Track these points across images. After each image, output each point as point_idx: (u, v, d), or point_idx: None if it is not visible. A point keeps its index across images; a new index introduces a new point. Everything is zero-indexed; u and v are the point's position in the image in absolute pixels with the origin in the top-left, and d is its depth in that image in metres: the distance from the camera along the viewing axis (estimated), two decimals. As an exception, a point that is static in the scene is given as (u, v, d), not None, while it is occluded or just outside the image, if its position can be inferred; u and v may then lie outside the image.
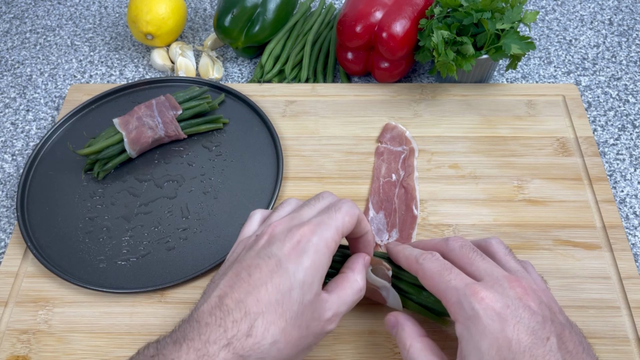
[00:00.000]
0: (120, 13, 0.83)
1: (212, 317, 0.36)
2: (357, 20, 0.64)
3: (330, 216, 0.41)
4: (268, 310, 0.36)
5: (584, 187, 0.60)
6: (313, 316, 0.39)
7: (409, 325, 0.43)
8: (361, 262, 0.44)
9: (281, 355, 0.37)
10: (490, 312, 0.37)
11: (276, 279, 0.37)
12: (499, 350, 0.36)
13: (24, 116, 0.70)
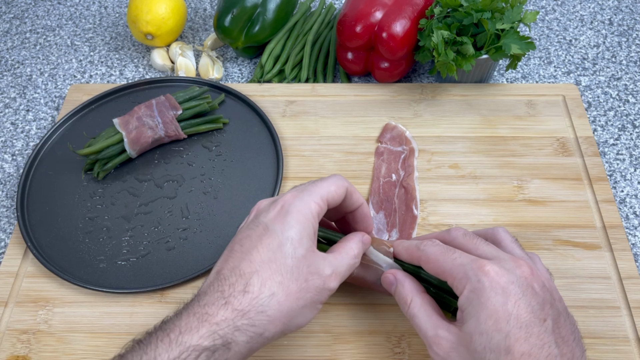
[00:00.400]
0: (120, 13, 0.83)
1: (210, 287, 0.38)
2: (357, 20, 0.64)
3: (315, 184, 0.43)
4: (262, 268, 0.38)
5: (584, 187, 0.60)
6: (310, 270, 0.40)
7: (408, 282, 0.44)
8: (358, 236, 0.45)
9: (282, 307, 0.38)
10: (495, 284, 0.38)
11: (265, 240, 0.39)
12: (496, 322, 0.37)
13: (24, 116, 0.70)
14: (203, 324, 0.36)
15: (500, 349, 0.36)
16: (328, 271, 0.41)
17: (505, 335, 0.36)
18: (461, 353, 0.38)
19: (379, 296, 0.52)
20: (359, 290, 0.53)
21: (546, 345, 0.37)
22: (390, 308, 0.52)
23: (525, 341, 0.36)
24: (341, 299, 0.52)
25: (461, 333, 0.39)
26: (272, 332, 0.38)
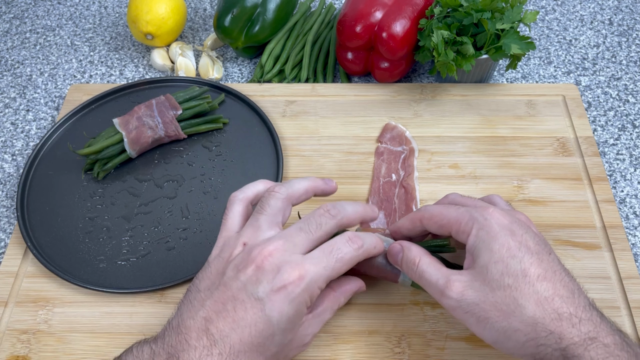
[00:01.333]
0: (120, 13, 0.83)
1: (200, 341, 0.38)
2: (357, 20, 0.64)
3: (327, 265, 0.40)
4: (250, 350, 0.38)
5: (584, 187, 0.60)
6: (292, 346, 0.42)
7: (415, 247, 0.45)
8: (355, 286, 0.47)
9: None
10: (501, 223, 0.41)
11: (260, 324, 0.38)
12: (508, 250, 0.39)
13: (24, 116, 0.70)
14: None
15: (517, 273, 0.38)
16: (308, 339, 0.43)
17: (519, 260, 0.39)
18: (476, 288, 0.39)
19: (378, 296, 0.52)
20: (359, 290, 0.53)
21: (558, 272, 0.39)
22: (390, 308, 0.52)
23: (538, 266, 0.39)
24: (341, 299, 0.52)
25: (474, 270, 0.40)
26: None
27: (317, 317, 0.43)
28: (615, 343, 0.36)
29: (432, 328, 0.50)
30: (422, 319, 0.51)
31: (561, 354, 0.36)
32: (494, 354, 0.49)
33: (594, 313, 0.38)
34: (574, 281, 0.40)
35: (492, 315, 0.38)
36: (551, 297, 0.38)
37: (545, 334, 0.37)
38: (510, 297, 0.38)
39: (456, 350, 0.49)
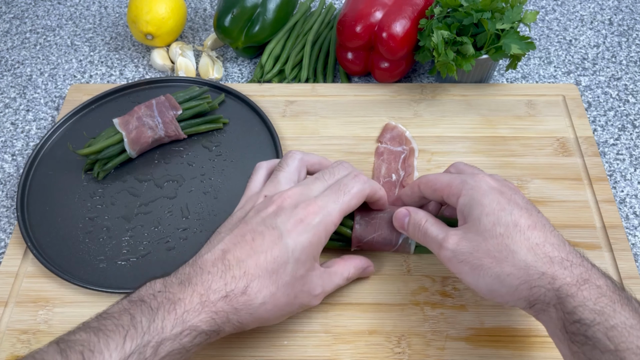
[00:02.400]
0: (120, 13, 0.83)
1: (215, 267, 0.40)
2: (357, 20, 0.64)
3: (338, 199, 0.45)
4: (264, 276, 0.41)
5: (584, 187, 0.60)
6: (303, 289, 0.43)
7: (421, 211, 0.48)
8: (363, 263, 0.51)
9: (267, 314, 0.42)
10: (490, 184, 0.43)
11: (275, 250, 0.41)
12: (499, 204, 0.41)
13: (24, 116, 0.70)
14: (204, 309, 0.38)
15: (508, 223, 0.40)
16: (318, 291, 0.45)
17: (509, 212, 0.41)
18: (470, 238, 0.42)
19: (378, 296, 0.52)
20: (359, 290, 0.53)
21: (547, 225, 0.41)
22: (390, 308, 0.52)
23: (528, 218, 0.41)
24: (341, 298, 0.52)
25: (468, 223, 0.42)
26: (250, 327, 0.42)
27: (328, 274, 0.46)
28: (607, 285, 0.37)
29: (432, 328, 0.50)
30: (422, 319, 0.51)
31: (555, 294, 0.37)
32: (494, 354, 0.49)
33: (585, 260, 0.39)
34: (562, 238, 0.41)
35: (485, 263, 0.40)
36: (542, 243, 0.39)
37: (537, 275, 0.38)
38: (502, 245, 0.40)
39: (456, 350, 0.49)
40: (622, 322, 0.35)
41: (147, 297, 0.39)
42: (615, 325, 0.35)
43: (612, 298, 0.36)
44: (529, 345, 0.49)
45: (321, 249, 0.44)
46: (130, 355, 0.35)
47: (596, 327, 0.35)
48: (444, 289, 0.53)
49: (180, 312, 0.38)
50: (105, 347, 0.34)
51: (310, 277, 0.44)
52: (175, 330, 0.37)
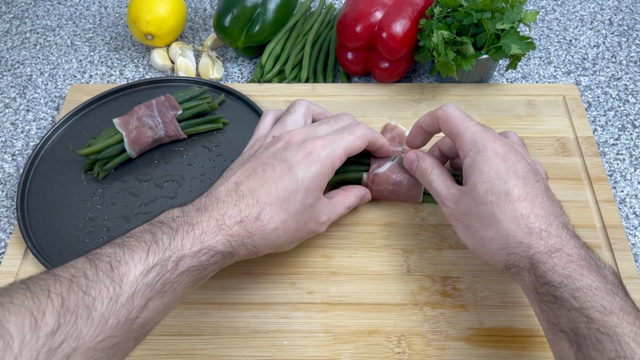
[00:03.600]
0: (120, 13, 0.83)
1: (229, 197, 0.44)
2: (357, 20, 0.64)
3: (343, 137, 0.49)
4: (275, 203, 0.44)
5: (584, 187, 0.60)
6: (311, 216, 0.47)
7: (429, 157, 0.52)
8: (361, 191, 0.54)
9: (279, 240, 0.45)
10: (497, 150, 0.45)
11: (286, 180, 0.45)
12: (497, 172, 0.44)
13: (24, 116, 0.70)
14: (221, 232, 0.42)
15: (500, 193, 0.43)
16: (324, 218, 0.49)
17: (504, 182, 0.43)
18: (466, 202, 0.45)
19: (379, 296, 0.52)
20: (359, 290, 0.53)
21: (539, 196, 0.43)
22: (390, 308, 0.52)
23: (522, 188, 0.43)
24: (341, 298, 0.52)
25: (466, 186, 0.46)
26: (263, 253, 0.46)
27: (332, 204, 0.50)
28: (579, 255, 0.40)
29: (432, 328, 0.50)
30: (422, 319, 0.51)
31: (528, 260, 0.41)
32: (494, 354, 0.49)
33: (565, 231, 0.41)
34: (556, 206, 0.43)
35: (474, 225, 0.45)
36: (527, 215, 0.42)
37: (515, 244, 0.42)
38: (490, 212, 0.43)
39: (456, 351, 0.49)
40: (588, 284, 0.38)
41: (167, 220, 0.42)
42: (581, 287, 0.38)
43: (580, 264, 0.39)
44: (529, 345, 0.49)
45: (327, 182, 0.48)
46: (153, 267, 0.37)
47: (563, 289, 0.38)
48: (444, 289, 0.53)
49: (198, 233, 0.41)
50: (131, 259, 0.37)
51: (317, 206, 0.48)
52: (194, 248, 0.40)
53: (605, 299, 0.37)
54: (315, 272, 0.54)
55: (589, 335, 0.36)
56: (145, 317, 0.37)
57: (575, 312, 0.37)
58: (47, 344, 0.31)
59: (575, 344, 0.37)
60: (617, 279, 0.39)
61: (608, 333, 0.35)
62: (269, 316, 0.51)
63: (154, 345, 0.50)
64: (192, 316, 0.52)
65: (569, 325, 0.37)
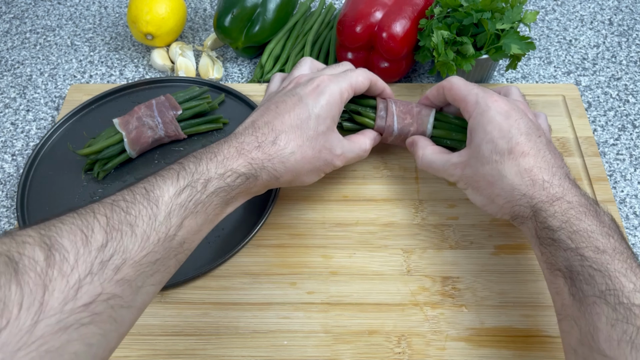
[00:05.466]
0: (120, 13, 0.83)
1: (246, 131, 0.47)
2: (357, 20, 0.64)
3: (347, 74, 0.52)
4: (290, 130, 0.47)
5: (584, 187, 0.60)
6: (325, 145, 0.49)
7: (423, 139, 0.55)
8: (373, 134, 0.56)
9: (297, 165, 0.48)
10: (499, 108, 0.47)
11: (297, 109, 0.48)
12: (500, 131, 0.46)
13: (24, 116, 0.70)
14: (241, 156, 0.45)
15: (504, 151, 0.45)
16: (338, 151, 0.51)
17: (507, 140, 0.45)
18: (472, 164, 0.48)
19: (379, 296, 0.52)
20: (359, 290, 0.53)
21: (542, 150, 0.45)
22: (390, 308, 0.52)
23: (525, 144, 0.45)
24: (341, 298, 0.52)
25: (470, 149, 0.48)
26: (284, 179, 0.48)
27: (349, 141, 0.53)
28: (579, 202, 0.42)
29: (432, 328, 0.50)
30: (422, 319, 0.51)
31: (531, 209, 0.43)
32: (494, 354, 0.49)
33: (567, 182, 0.44)
34: (558, 158, 0.46)
35: (482, 185, 0.47)
36: (530, 168, 0.44)
37: (519, 196, 0.44)
38: (495, 170, 0.46)
39: (456, 351, 0.49)
40: (585, 228, 0.40)
41: (192, 154, 0.44)
42: (578, 230, 0.40)
43: (579, 211, 0.41)
44: (529, 345, 0.49)
45: (337, 113, 0.50)
46: (184, 188, 0.40)
47: (561, 232, 0.41)
48: (444, 289, 0.53)
49: (221, 159, 0.44)
50: (163, 183, 0.40)
51: (331, 137, 0.50)
52: (218, 171, 0.43)
53: (599, 240, 0.39)
54: (315, 272, 0.54)
55: (582, 272, 0.38)
56: (182, 236, 0.39)
57: (570, 251, 0.40)
58: (98, 256, 0.33)
59: (570, 279, 0.39)
60: (614, 224, 0.41)
61: (600, 269, 0.37)
62: (269, 316, 0.51)
63: (154, 345, 0.50)
64: (192, 316, 0.52)
65: (565, 263, 0.40)
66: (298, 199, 0.59)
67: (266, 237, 0.57)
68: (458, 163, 0.50)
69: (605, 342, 0.35)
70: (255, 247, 0.56)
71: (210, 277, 0.54)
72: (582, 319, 0.37)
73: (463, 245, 0.55)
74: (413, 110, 0.56)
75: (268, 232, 0.57)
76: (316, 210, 0.58)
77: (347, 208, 0.58)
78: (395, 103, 0.57)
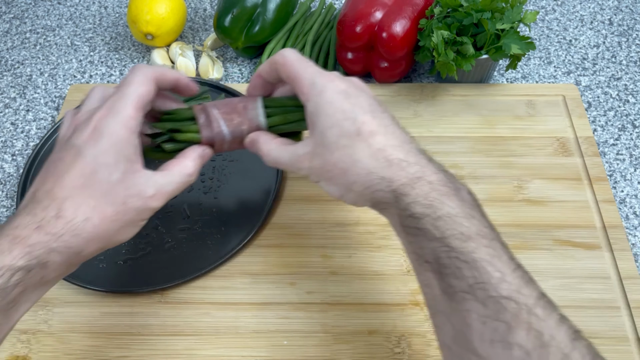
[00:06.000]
0: (120, 13, 0.83)
1: (25, 209, 0.39)
2: (357, 20, 0.64)
3: (122, 94, 0.42)
4: (75, 194, 0.39)
5: (584, 187, 0.60)
6: (128, 193, 0.41)
7: (262, 134, 0.47)
8: (197, 150, 0.46)
9: (98, 230, 0.39)
10: (337, 88, 0.43)
11: (78, 165, 0.40)
12: (343, 112, 0.42)
13: (24, 116, 0.70)
14: (16, 246, 0.37)
15: (351, 133, 0.41)
16: (151, 192, 0.42)
17: (352, 120, 0.41)
18: (319, 153, 0.43)
19: (379, 296, 0.52)
20: (359, 290, 0.53)
21: (390, 126, 0.42)
22: (390, 308, 0.52)
23: (371, 123, 0.41)
24: (341, 298, 0.52)
25: (314, 137, 0.43)
26: (89, 251, 0.40)
27: (162, 175, 0.43)
28: (439, 180, 0.40)
29: (432, 328, 0.50)
30: (422, 319, 0.51)
31: (392, 194, 0.40)
32: (494, 354, 0.49)
33: (422, 157, 0.41)
34: (406, 134, 0.43)
35: (335, 174, 0.42)
36: (383, 147, 0.41)
37: (378, 180, 0.40)
38: (347, 155, 0.41)
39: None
40: (448, 212, 0.38)
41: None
42: (441, 216, 0.38)
43: (441, 191, 0.39)
44: (528, 345, 0.49)
45: (133, 150, 0.41)
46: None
47: (425, 219, 0.38)
48: (443, 289, 0.53)
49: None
50: None
51: (134, 180, 0.41)
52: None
53: (463, 225, 0.37)
54: (315, 272, 0.54)
55: (450, 264, 0.36)
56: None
57: (436, 242, 0.37)
58: None
59: (438, 273, 0.37)
60: (473, 198, 0.40)
61: (466, 260, 0.36)
62: (269, 316, 0.51)
63: (153, 345, 0.50)
64: (192, 316, 0.52)
65: (432, 255, 0.38)
66: (298, 199, 0.59)
67: (266, 237, 0.57)
68: (304, 154, 0.44)
69: (478, 341, 0.34)
70: (255, 247, 0.56)
71: (210, 277, 0.54)
72: (453, 315, 0.36)
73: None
74: (238, 107, 0.48)
75: (268, 232, 0.57)
76: (316, 210, 0.58)
77: (346, 208, 0.58)
78: (216, 105, 0.48)
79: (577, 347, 0.32)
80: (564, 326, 0.33)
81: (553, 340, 0.32)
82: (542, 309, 0.33)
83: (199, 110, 0.48)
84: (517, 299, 0.34)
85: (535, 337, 0.32)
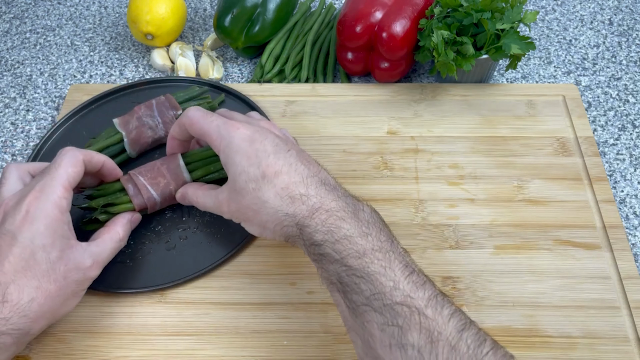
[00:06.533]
0: (120, 13, 0.83)
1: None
2: (357, 20, 0.64)
3: (52, 176, 0.46)
4: (18, 277, 0.41)
5: (584, 187, 0.60)
6: (68, 267, 0.44)
7: (191, 186, 0.53)
8: (126, 217, 0.52)
9: (44, 308, 0.42)
10: (242, 135, 0.46)
11: (15, 250, 0.42)
12: (248, 159, 0.45)
13: (24, 116, 0.70)
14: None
15: (257, 177, 0.44)
16: (88, 262, 0.46)
17: (257, 165, 0.44)
18: (234, 199, 0.46)
19: (379, 296, 0.52)
20: (359, 290, 0.53)
21: (293, 165, 0.44)
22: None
23: (275, 164, 0.44)
24: (341, 299, 0.52)
25: (229, 183, 0.47)
26: (37, 329, 0.43)
27: (96, 245, 0.47)
28: (337, 206, 0.42)
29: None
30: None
31: (297, 227, 0.43)
32: (494, 354, 0.49)
33: (322, 189, 0.43)
34: (312, 167, 0.45)
35: (249, 215, 0.46)
36: (286, 186, 0.43)
37: (284, 216, 0.43)
38: (256, 198, 0.44)
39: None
40: (344, 234, 0.40)
41: None
42: (339, 239, 0.40)
43: (338, 216, 0.41)
44: (529, 345, 0.49)
45: (67, 227, 0.45)
46: None
47: (325, 245, 0.41)
48: (444, 288, 0.53)
49: None
50: None
51: (71, 255, 0.44)
52: None
53: (359, 243, 0.40)
54: (315, 272, 0.54)
55: (349, 282, 0.39)
56: None
57: (337, 263, 0.40)
58: None
59: (343, 292, 0.40)
60: (374, 216, 0.42)
61: (362, 275, 0.38)
62: (269, 316, 0.51)
63: (153, 345, 0.50)
64: (192, 316, 0.52)
65: (336, 276, 0.40)
66: (298, 199, 0.59)
67: (266, 237, 0.57)
68: (223, 200, 0.48)
69: (381, 348, 0.36)
70: (255, 247, 0.56)
71: (210, 277, 0.54)
72: (360, 328, 0.38)
73: (463, 245, 0.55)
74: (162, 170, 0.53)
75: (268, 232, 0.57)
76: (316, 210, 0.58)
77: (347, 208, 0.58)
78: (140, 173, 0.53)
79: (464, 338, 0.35)
80: (453, 321, 0.36)
81: (440, 335, 0.35)
82: (432, 309, 0.36)
83: (126, 181, 0.53)
84: (409, 303, 0.36)
85: (426, 335, 0.35)
